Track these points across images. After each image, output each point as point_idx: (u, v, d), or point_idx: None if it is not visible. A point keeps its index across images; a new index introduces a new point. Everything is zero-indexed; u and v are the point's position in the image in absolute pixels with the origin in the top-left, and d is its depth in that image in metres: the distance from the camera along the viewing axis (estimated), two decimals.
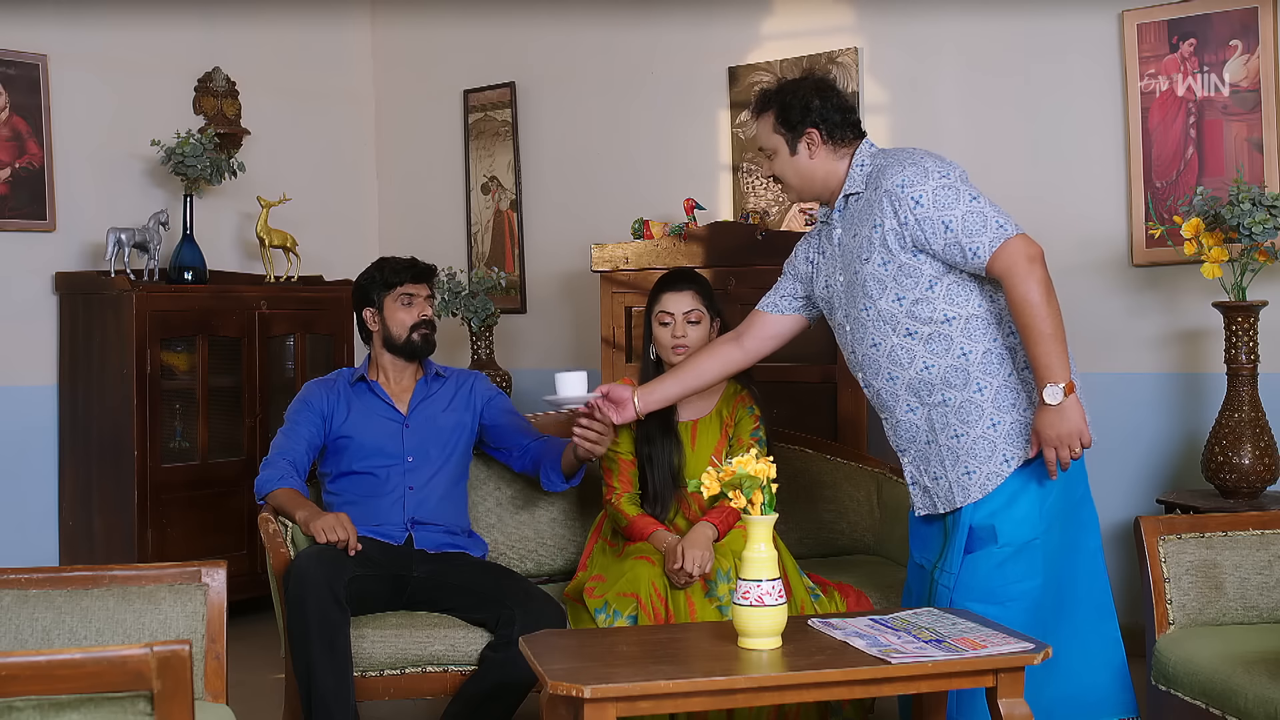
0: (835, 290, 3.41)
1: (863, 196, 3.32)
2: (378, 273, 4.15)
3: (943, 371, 3.23)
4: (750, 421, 3.86)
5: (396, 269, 4.14)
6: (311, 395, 4.08)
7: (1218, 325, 4.32)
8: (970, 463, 3.22)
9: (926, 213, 3.15)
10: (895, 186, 3.20)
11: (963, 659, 2.81)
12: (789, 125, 3.38)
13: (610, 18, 6.04)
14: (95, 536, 5.49)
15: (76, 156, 5.70)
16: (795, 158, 3.39)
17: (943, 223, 3.15)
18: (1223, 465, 4.17)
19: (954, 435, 3.24)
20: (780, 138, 3.40)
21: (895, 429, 3.38)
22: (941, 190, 3.16)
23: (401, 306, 4.09)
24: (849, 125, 3.40)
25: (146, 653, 2.01)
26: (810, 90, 3.39)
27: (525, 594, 3.72)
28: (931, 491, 3.32)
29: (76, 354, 5.57)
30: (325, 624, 3.49)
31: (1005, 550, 3.21)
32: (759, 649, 2.90)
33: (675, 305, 3.83)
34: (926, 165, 3.20)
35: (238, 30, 6.29)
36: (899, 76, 5.27)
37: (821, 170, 3.39)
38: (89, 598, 2.96)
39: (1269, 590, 3.34)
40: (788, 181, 3.45)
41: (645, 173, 5.88)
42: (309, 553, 3.66)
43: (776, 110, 3.40)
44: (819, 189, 3.43)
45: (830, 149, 3.37)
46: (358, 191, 6.84)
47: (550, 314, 6.28)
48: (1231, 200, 4.09)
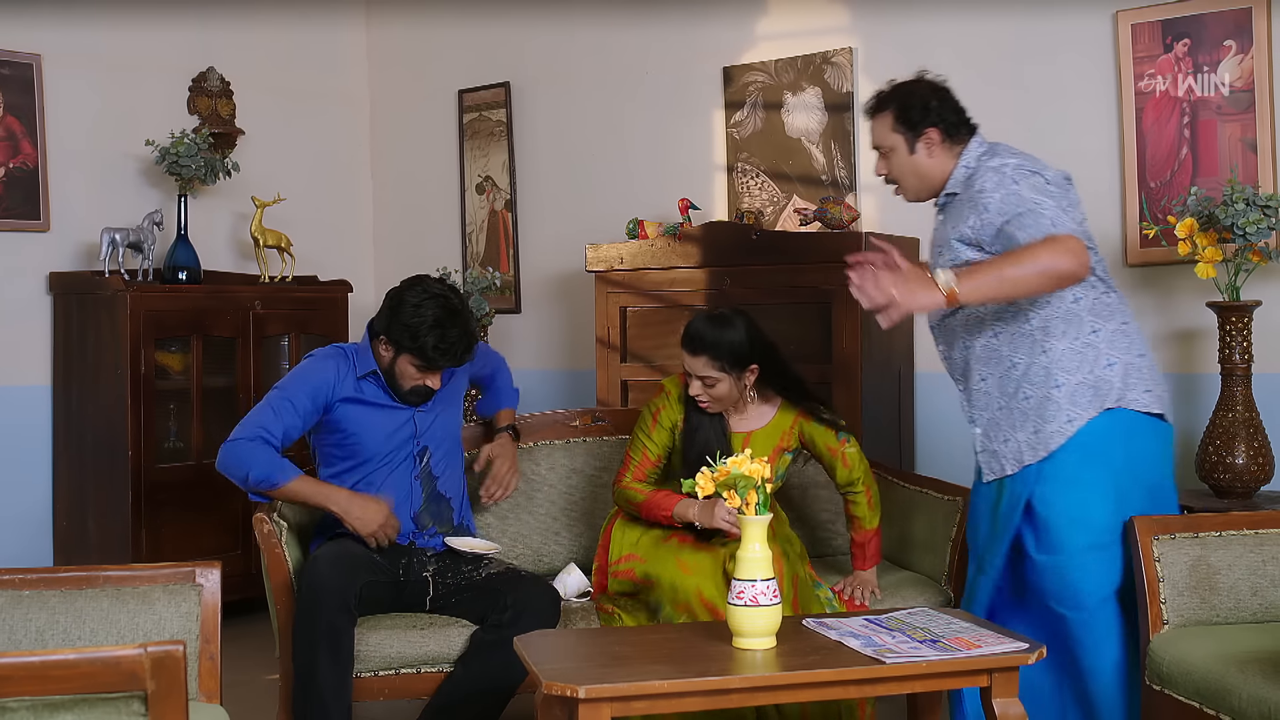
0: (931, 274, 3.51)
1: (960, 196, 3.44)
2: (418, 334, 3.71)
3: (1011, 337, 3.36)
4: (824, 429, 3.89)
5: (435, 350, 3.71)
6: (319, 381, 3.83)
7: (1212, 325, 4.32)
8: (1038, 422, 3.33)
9: (992, 213, 3.27)
10: (977, 191, 3.33)
11: (957, 659, 2.81)
12: (909, 125, 3.47)
13: (605, 18, 6.03)
14: (89, 537, 5.48)
15: (71, 156, 5.70)
16: (914, 157, 3.49)
17: (1003, 221, 3.25)
18: (1217, 465, 4.17)
19: (1025, 397, 3.35)
20: (900, 137, 3.49)
21: (970, 398, 3.51)
22: (1009, 196, 3.26)
23: (414, 370, 3.79)
24: (963, 124, 3.50)
25: (140, 653, 2.00)
26: (928, 90, 3.50)
27: (520, 582, 3.72)
28: (1000, 455, 3.42)
29: (70, 354, 5.56)
30: (333, 631, 3.50)
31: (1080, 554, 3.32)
32: (754, 649, 2.90)
33: (691, 367, 3.80)
34: (1005, 170, 3.31)
35: (232, 30, 6.28)
36: (894, 76, 5.25)
37: (938, 169, 3.49)
38: (83, 598, 2.95)
39: (1263, 590, 3.35)
40: (904, 180, 3.55)
41: (640, 173, 5.87)
42: (326, 556, 3.61)
43: (895, 109, 3.49)
44: (935, 187, 3.53)
45: (947, 148, 3.47)
46: (352, 191, 6.84)
47: (545, 314, 6.28)
48: (1225, 200, 4.10)
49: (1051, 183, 3.30)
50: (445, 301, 3.75)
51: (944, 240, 3.46)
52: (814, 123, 5.40)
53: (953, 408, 4.99)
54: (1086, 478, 3.29)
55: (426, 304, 3.73)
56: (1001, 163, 3.36)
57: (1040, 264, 3.11)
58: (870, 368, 4.75)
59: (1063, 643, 3.32)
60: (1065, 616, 3.32)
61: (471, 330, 3.79)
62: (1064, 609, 3.32)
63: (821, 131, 5.38)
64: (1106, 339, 3.32)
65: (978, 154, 3.45)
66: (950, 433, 5.05)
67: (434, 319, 3.70)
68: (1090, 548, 3.30)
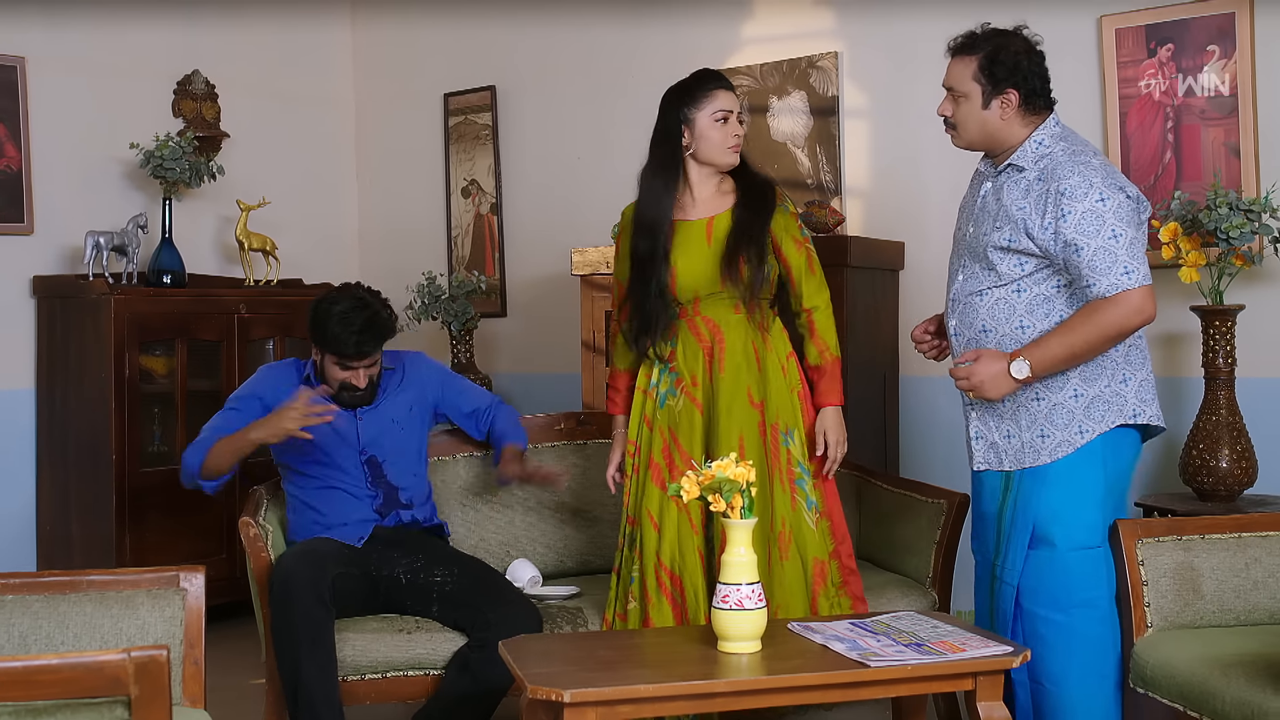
0: (963, 236, 3.48)
1: (1026, 175, 3.32)
2: (327, 331, 3.85)
3: (1037, 334, 3.30)
4: (791, 219, 3.71)
5: (342, 343, 3.85)
6: (263, 390, 3.98)
7: (1195, 329, 4.34)
8: (1047, 427, 3.31)
9: (1068, 226, 3.20)
10: (1057, 191, 3.22)
11: (941, 662, 2.82)
12: (992, 78, 3.32)
13: (590, 21, 6.04)
14: (73, 541, 5.46)
15: (55, 159, 5.68)
16: (986, 112, 3.35)
17: (1075, 244, 3.20)
18: (1200, 468, 4.19)
19: (1034, 397, 3.33)
20: (978, 86, 3.34)
21: None
22: (1090, 213, 3.19)
23: (337, 368, 3.91)
24: (1044, 96, 3.37)
25: (124, 658, 2.00)
26: (1023, 47, 3.35)
27: (500, 597, 3.72)
28: (1000, 448, 3.40)
29: (54, 358, 5.55)
30: (310, 623, 3.50)
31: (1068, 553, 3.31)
32: (738, 652, 2.91)
33: (731, 103, 3.67)
34: (1093, 180, 3.21)
35: (217, 33, 6.27)
36: (879, 81, 5.28)
37: (1006, 133, 3.35)
38: (66, 603, 2.94)
39: (1246, 593, 3.36)
40: (965, 129, 3.40)
41: (626, 176, 5.81)
42: (293, 553, 3.66)
43: (984, 58, 3.33)
44: (991, 144, 3.40)
45: (1021, 115, 3.34)
46: (337, 195, 6.83)
47: (530, 318, 6.27)
48: (1209, 205, 4.11)
49: (1132, 198, 3.25)
50: (354, 298, 3.90)
51: (999, 212, 3.33)
52: (799, 127, 5.41)
53: (937, 412, 5.03)
54: (1082, 479, 3.30)
55: (337, 302, 3.89)
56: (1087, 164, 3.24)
57: (1113, 331, 3.18)
58: (855, 371, 4.75)
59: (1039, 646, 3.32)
60: (1043, 618, 3.31)
61: (381, 319, 3.89)
62: (1043, 610, 3.31)
63: (807, 135, 5.39)
64: (1124, 354, 3.32)
65: (1053, 133, 3.34)
66: (935, 436, 5.07)
67: (340, 313, 3.85)
68: (1077, 548, 3.31)
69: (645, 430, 3.67)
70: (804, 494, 3.63)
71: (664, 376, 3.66)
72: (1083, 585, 3.31)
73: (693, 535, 3.56)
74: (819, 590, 3.60)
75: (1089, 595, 3.31)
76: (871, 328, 4.99)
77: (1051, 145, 3.32)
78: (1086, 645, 3.31)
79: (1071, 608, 3.30)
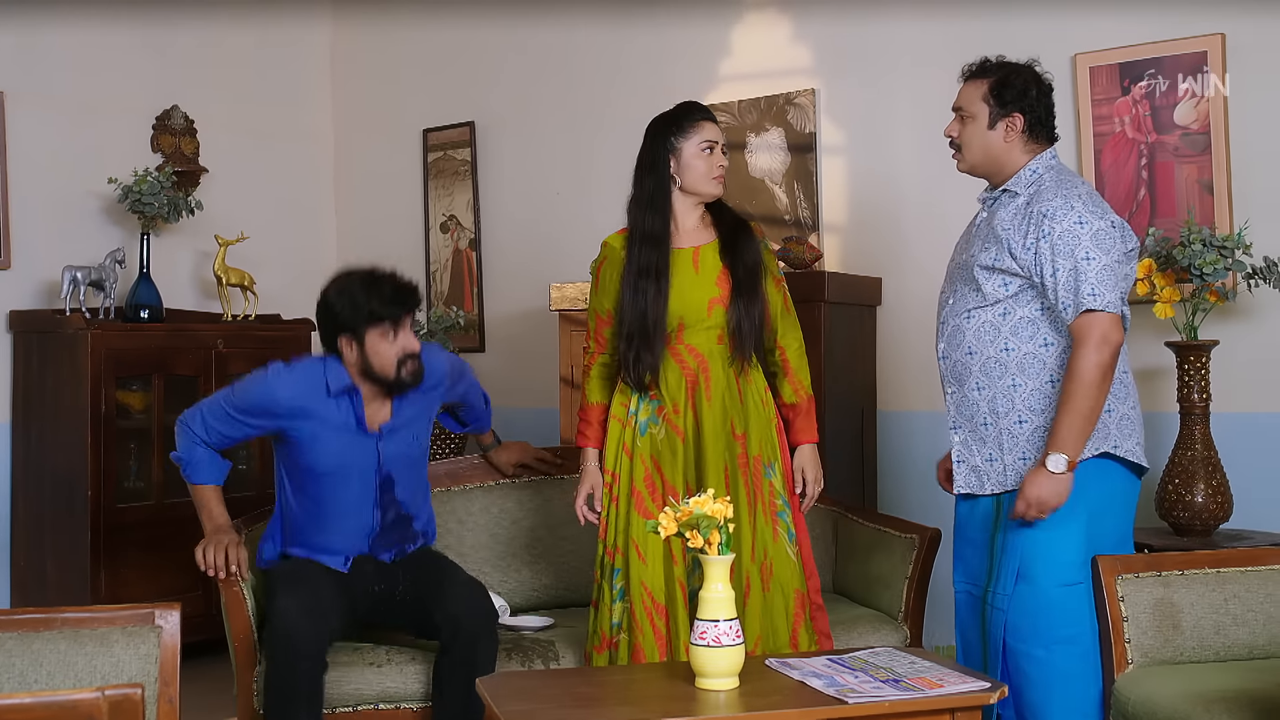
0: (957, 262, 3.55)
1: (1018, 199, 3.41)
2: (358, 302, 3.71)
3: (1021, 356, 3.35)
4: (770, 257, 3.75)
5: (383, 299, 3.71)
6: (277, 403, 3.81)
7: (1170, 365, 4.36)
8: (1029, 451, 3.35)
9: (1046, 246, 3.27)
10: (1039, 212, 3.31)
11: (919, 698, 2.81)
12: (1000, 100, 3.45)
13: (569, 58, 6.07)
14: (47, 578, 5.42)
15: (32, 194, 5.67)
16: (991, 133, 3.46)
17: (1052, 263, 3.26)
18: (1176, 503, 4.20)
19: (1018, 420, 3.36)
20: (986, 107, 3.46)
21: (958, 405, 3.48)
22: (1067, 234, 3.26)
23: (386, 340, 3.74)
24: (1047, 128, 3.48)
25: (98, 696, 1.98)
26: (1032, 78, 3.48)
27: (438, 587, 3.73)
28: (982, 471, 3.43)
29: (30, 393, 5.52)
30: (310, 679, 3.52)
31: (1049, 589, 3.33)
32: (716, 689, 2.89)
33: (716, 134, 3.69)
34: (1075, 204, 3.30)
35: (196, 68, 6.28)
36: (856, 117, 5.31)
37: (1005, 156, 3.46)
38: (40, 640, 2.92)
39: (1225, 629, 3.36)
40: (969, 150, 3.51)
41: (604, 212, 5.86)
42: (293, 609, 3.55)
43: (994, 81, 3.47)
44: (991, 169, 3.50)
45: (1023, 141, 3.45)
46: (316, 230, 6.83)
47: (509, 353, 6.27)
48: (1183, 241, 4.15)
49: (1115, 226, 3.31)
50: (358, 269, 3.84)
51: (985, 235, 3.44)
52: (777, 163, 5.43)
53: (915, 447, 5.04)
54: (1063, 513, 3.31)
55: (349, 277, 3.81)
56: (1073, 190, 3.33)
57: (1095, 372, 3.22)
58: (833, 406, 4.76)
59: (1021, 681, 3.32)
60: (1025, 653, 3.32)
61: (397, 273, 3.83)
62: (1025, 645, 3.32)
63: (784, 172, 5.41)
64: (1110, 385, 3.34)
65: (1049, 164, 3.44)
66: (912, 472, 5.07)
67: (361, 280, 3.77)
68: (1058, 585, 3.32)
69: (625, 459, 3.66)
70: (785, 526, 3.63)
71: (644, 404, 3.65)
72: (1064, 622, 3.32)
73: (674, 567, 3.55)
74: (799, 623, 3.60)
75: (1070, 632, 3.32)
76: (849, 363, 5.00)
77: (1044, 173, 3.42)
78: (1068, 682, 3.31)
79: (1053, 644, 3.31)
